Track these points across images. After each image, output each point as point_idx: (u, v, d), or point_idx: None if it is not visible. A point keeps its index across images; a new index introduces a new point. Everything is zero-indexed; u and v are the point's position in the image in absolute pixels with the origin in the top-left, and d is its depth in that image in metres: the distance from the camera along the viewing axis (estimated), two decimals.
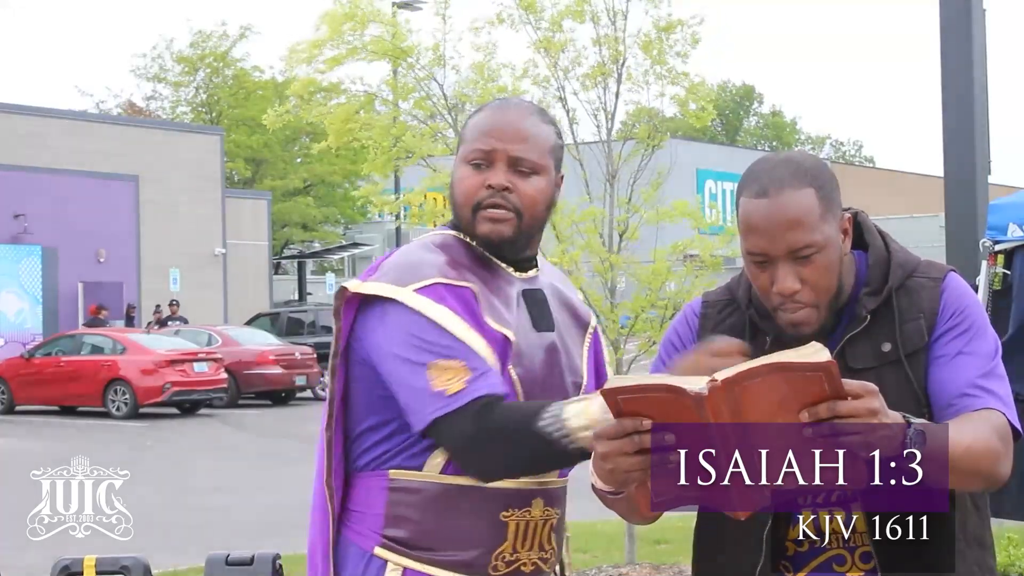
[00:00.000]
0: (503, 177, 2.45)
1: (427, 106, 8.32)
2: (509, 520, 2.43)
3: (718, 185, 45.49)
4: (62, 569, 3.43)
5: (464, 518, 2.41)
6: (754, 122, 79.83)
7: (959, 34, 7.83)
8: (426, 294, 2.39)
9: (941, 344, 2.30)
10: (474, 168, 2.47)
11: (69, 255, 31.42)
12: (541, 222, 2.53)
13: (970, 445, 2.16)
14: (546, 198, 2.51)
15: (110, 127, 34.86)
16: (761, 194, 2.25)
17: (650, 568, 8.06)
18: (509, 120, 2.49)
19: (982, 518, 2.38)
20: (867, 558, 2.29)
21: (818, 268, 2.25)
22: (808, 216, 2.23)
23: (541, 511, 2.47)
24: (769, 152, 2.39)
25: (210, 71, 50.69)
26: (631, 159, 8.31)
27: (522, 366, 2.44)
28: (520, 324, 2.47)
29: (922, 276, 2.36)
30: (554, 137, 2.54)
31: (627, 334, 8.18)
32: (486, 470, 2.38)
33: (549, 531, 2.49)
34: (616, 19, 8.06)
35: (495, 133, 2.46)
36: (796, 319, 2.28)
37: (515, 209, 2.45)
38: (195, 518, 10.96)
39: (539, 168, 2.48)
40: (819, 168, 2.30)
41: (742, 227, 2.28)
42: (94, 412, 22.07)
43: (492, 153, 2.45)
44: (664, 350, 2.51)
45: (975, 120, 7.79)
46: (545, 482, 2.47)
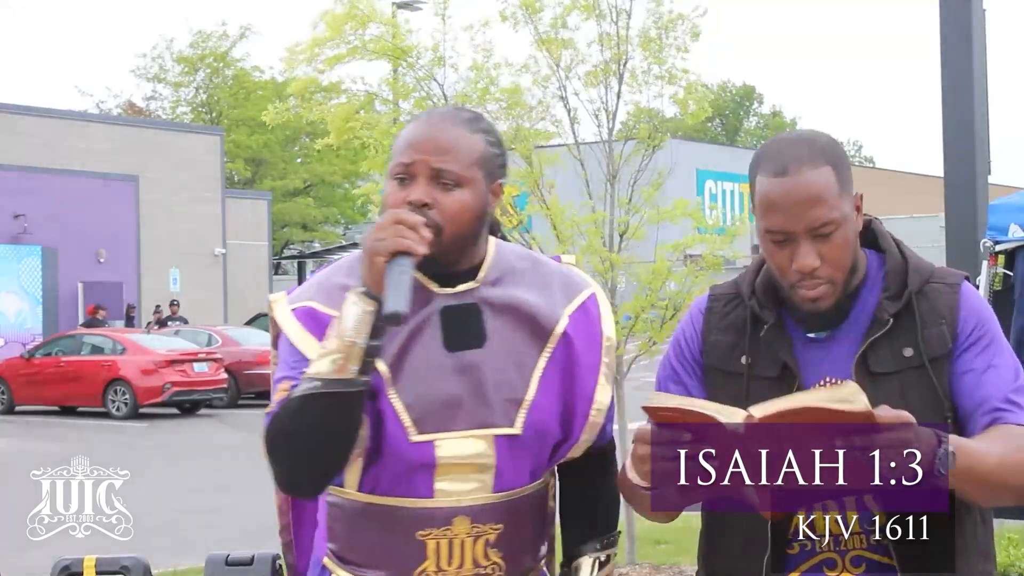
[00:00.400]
0: (422, 192, 2.35)
1: (427, 106, 8.32)
2: (427, 539, 2.38)
3: (718, 185, 45.48)
4: (62, 569, 3.42)
5: (380, 536, 2.40)
6: (754, 122, 79.84)
7: (959, 34, 7.82)
8: (299, 314, 2.43)
9: (969, 358, 2.33)
10: (399, 183, 2.39)
11: (69, 255, 31.44)
12: (469, 235, 2.41)
13: (1002, 460, 2.20)
14: (472, 211, 2.39)
15: (110, 127, 34.88)
16: (780, 172, 2.27)
17: (650, 568, 8.06)
18: (432, 131, 2.40)
19: (987, 532, 2.40)
20: (858, 562, 2.31)
21: (836, 245, 2.28)
22: (827, 193, 2.26)
23: (467, 528, 2.39)
24: (781, 132, 2.40)
25: (210, 71, 50.73)
26: (632, 159, 8.31)
27: (412, 391, 2.37)
28: (421, 346, 2.39)
29: (939, 282, 2.38)
30: (484, 146, 2.43)
31: (627, 334, 8.18)
32: (280, 476, 2.34)
33: (484, 546, 2.40)
34: (619, 18, 8.06)
35: (417, 146, 2.38)
36: (815, 295, 2.30)
37: (435, 225, 2.34)
38: (195, 518, 10.97)
39: (463, 180, 2.38)
40: (833, 145, 2.33)
41: (760, 206, 2.30)
42: (94, 412, 22.07)
43: (413, 166, 2.37)
44: (673, 350, 2.52)
45: (975, 120, 7.79)
46: (470, 499, 2.38)
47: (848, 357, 2.34)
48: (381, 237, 2.24)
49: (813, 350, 2.37)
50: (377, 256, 2.23)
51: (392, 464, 2.38)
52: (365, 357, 2.23)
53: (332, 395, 2.23)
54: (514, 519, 2.43)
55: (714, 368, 2.44)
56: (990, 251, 7.07)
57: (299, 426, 2.28)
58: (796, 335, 2.38)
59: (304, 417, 2.27)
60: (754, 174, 2.32)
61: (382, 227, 2.25)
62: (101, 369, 22.05)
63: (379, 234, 2.25)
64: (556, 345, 2.45)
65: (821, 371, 2.35)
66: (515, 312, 2.45)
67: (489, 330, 2.42)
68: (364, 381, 2.25)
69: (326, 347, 2.25)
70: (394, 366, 2.37)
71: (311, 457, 2.31)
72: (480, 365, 2.40)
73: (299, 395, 2.26)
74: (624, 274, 8.30)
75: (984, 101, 7.99)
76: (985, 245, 7.13)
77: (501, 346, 2.42)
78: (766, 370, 2.37)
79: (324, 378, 2.23)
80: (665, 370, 2.54)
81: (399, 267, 2.22)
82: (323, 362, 2.24)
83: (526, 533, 2.47)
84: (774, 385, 2.34)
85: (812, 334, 2.38)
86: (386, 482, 2.38)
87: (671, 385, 2.51)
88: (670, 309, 8.02)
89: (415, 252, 2.24)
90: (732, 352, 2.41)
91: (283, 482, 2.36)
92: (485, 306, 2.44)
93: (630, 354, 8.27)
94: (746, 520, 2.29)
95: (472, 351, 2.40)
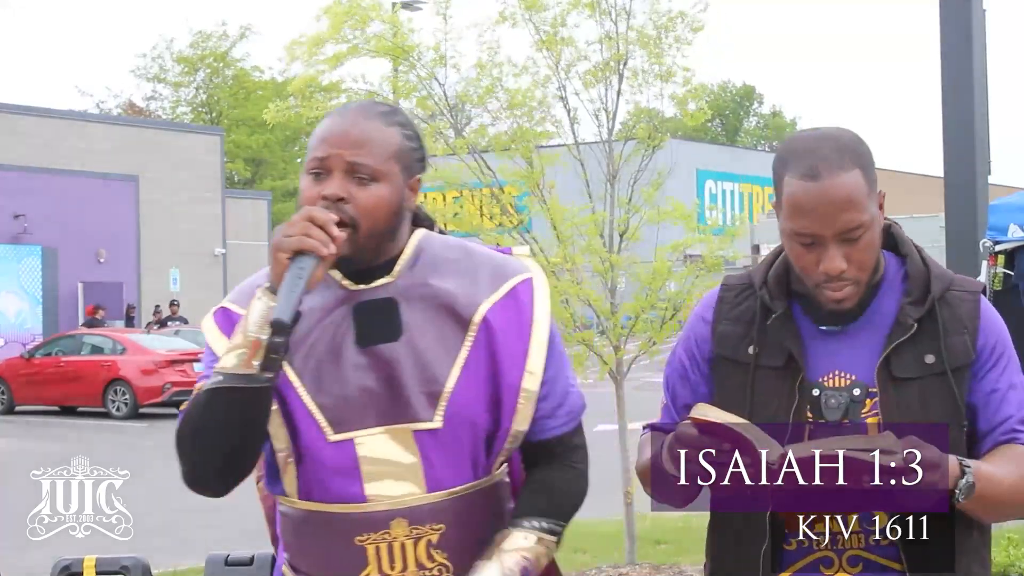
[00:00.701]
0: (337, 187, 2.31)
1: (429, 105, 8.31)
2: (366, 544, 2.33)
3: (718, 185, 45.50)
4: (62, 569, 3.42)
5: (322, 544, 2.38)
6: (754, 122, 79.83)
7: (959, 34, 7.83)
8: (215, 316, 2.44)
9: (993, 377, 2.35)
10: (314, 178, 2.34)
11: (69, 255, 31.44)
12: (386, 230, 2.36)
13: (1015, 484, 2.26)
14: (389, 205, 2.34)
15: (110, 127, 34.88)
16: (811, 176, 2.26)
17: (650, 568, 8.06)
18: (347, 125, 2.35)
19: (985, 542, 2.42)
20: (855, 561, 2.32)
21: (863, 247, 2.29)
22: (857, 197, 2.26)
23: (405, 530, 2.33)
24: (806, 130, 2.41)
25: (210, 71, 50.75)
26: (631, 159, 8.31)
27: (326, 391, 2.33)
28: (335, 344, 2.35)
29: (960, 290, 2.39)
30: (400, 139, 2.39)
31: (627, 334, 8.18)
32: (185, 472, 2.34)
33: (427, 548, 2.35)
34: (619, 18, 8.05)
35: (331, 140, 2.34)
36: (840, 296, 2.31)
37: (351, 220, 2.30)
38: (195, 518, 10.95)
39: (379, 174, 2.33)
40: (860, 145, 2.33)
41: (788, 207, 2.30)
42: (94, 412, 22.06)
43: (327, 161, 2.33)
44: (683, 345, 2.53)
45: (975, 120, 7.80)
46: (405, 501, 2.32)
47: (862, 354, 2.34)
48: (289, 234, 2.22)
49: (823, 342, 2.38)
50: (280, 253, 2.22)
51: (317, 468, 2.34)
52: (269, 353, 2.20)
53: (234, 390, 2.22)
54: (458, 519, 2.36)
55: (722, 357, 2.44)
56: (990, 251, 7.08)
57: (204, 421, 2.27)
58: (805, 326, 2.39)
59: (209, 412, 2.26)
60: (781, 173, 2.32)
61: (292, 224, 2.23)
62: (101, 369, 22.05)
63: (287, 230, 2.23)
64: (477, 334, 2.37)
65: (831, 364, 2.36)
66: (434, 303, 2.38)
67: (406, 323, 2.36)
68: (268, 378, 2.22)
69: (232, 343, 2.24)
70: (307, 367, 2.34)
71: (214, 453, 2.29)
72: (397, 360, 2.34)
73: (204, 390, 2.26)
74: (624, 274, 8.30)
75: (984, 101, 8.00)
76: (985, 245, 7.13)
77: (419, 339, 2.35)
78: (772, 360, 2.37)
79: (227, 372, 2.22)
80: (673, 365, 2.54)
81: (299, 267, 2.20)
82: (228, 357, 2.23)
83: (475, 532, 2.38)
84: (779, 375, 2.35)
85: (824, 327, 2.38)
86: (318, 488, 2.35)
87: (678, 380, 2.51)
88: (670, 309, 8.02)
89: (318, 252, 2.21)
90: (741, 342, 2.42)
91: (189, 478, 2.35)
92: (402, 299, 2.38)
93: (630, 354, 8.27)
94: (747, 513, 2.32)
95: (388, 345, 2.35)
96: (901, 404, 2.29)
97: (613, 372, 8.01)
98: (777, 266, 2.44)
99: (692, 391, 2.47)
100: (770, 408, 2.33)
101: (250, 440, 2.30)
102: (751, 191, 47.03)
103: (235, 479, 2.35)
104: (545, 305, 2.43)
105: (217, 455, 2.30)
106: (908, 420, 2.26)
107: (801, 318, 2.40)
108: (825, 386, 2.34)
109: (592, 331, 8.26)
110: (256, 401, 2.24)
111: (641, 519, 8.49)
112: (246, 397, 2.23)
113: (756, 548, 2.34)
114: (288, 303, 2.17)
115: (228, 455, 2.30)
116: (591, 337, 8.06)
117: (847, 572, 2.32)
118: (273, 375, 2.23)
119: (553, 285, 7.86)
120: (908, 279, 2.39)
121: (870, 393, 2.32)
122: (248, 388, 2.22)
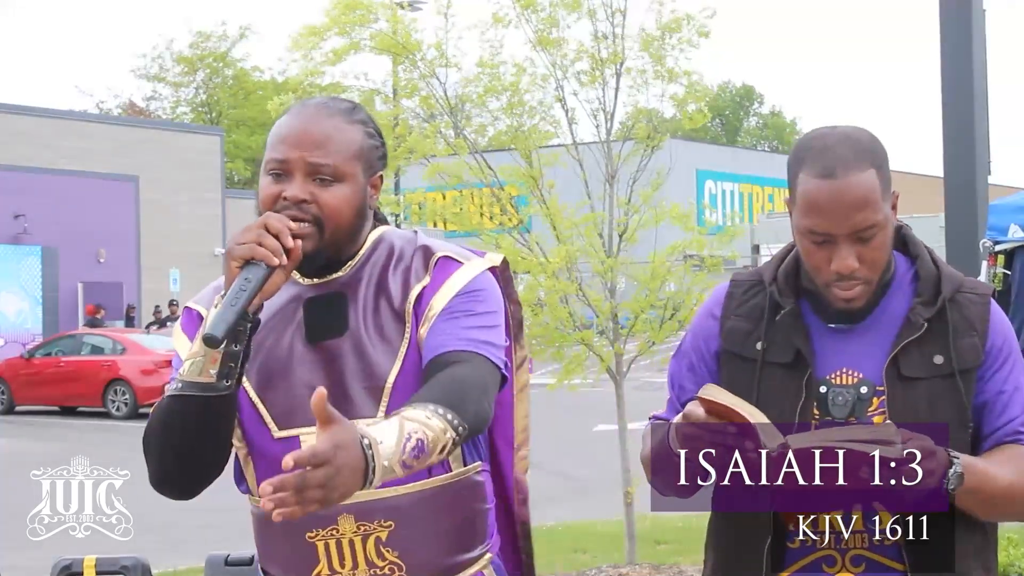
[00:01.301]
0: (299, 188, 2.26)
1: (431, 103, 8.31)
2: (316, 540, 2.32)
3: (718, 185, 45.48)
4: (62, 569, 3.43)
5: (278, 541, 2.37)
6: (754, 122, 79.82)
7: (959, 34, 7.83)
8: (181, 317, 2.43)
9: (1001, 378, 2.36)
10: (273, 178, 2.29)
11: (69, 255, 31.44)
12: (349, 230, 2.33)
13: (1012, 483, 2.27)
14: (352, 205, 2.30)
15: (110, 127, 34.89)
16: (827, 175, 2.27)
17: (650, 568, 8.06)
18: (306, 124, 2.30)
19: (989, 544, 2.43)
20: (857, 561, 2.32)
21: (876, 247, 2.30)
22: (872, 197, 2.27)
23: (353, 527, 2.31)
24: (823, 127, 2.41)
25: (210, 71, 50.75)
26: (630, 159, 8.30)
27: (273, 387, 2.32)
28: (284, 340, 2.33)
29: (970, 292, 2.40)
30: (362, 138, 2.34)
31: (627, 334, 8.18)
32: (151, 475, 2.31)
33: (376, 545, 2.32)
34: (614, 17, 8.05)
35: (290, 140, 2.29)
36: (850, 295, 2.32)
37: (315, 220, 2.26)
38: (195, 518, 10.95)
39: (342, 175, 2.29)
40: (876, 144, 2.33)
41: (803, 205, 2.30)
42: (94, 412, 22.06)
43: (287, 162, 2.28)
44: (690, 340, 2.52)
45: (975, 120, 7.80)
46: (355, 498, 2.18)
47: (870, 353, 2.35)
48: (241, 241, 2.17)
49: (831, 339, 2.38)
50: (230, 260, 2.18)
51: (266, 464, 2.33)
52: (227, 362, 2.17)
53: (191, 398, 2.19)
54: (410, 516, 2.32)
55: (730, 353, 2.44)
56: (989, 251, 7.08)
57: (164, 426, 2.25)
58: (814, 323, 2.39)
59: (169, 418, 2.24)
60: (796, 170, 2.32)
61: (247, 230, 2.19)
62: (101, 369, 22.05)
63: (241, 237, 2.18)
64: (411, 323, 2.33)
65: (838, 362, 2.36)
66: (378, 297, 2.35)
67: (352, 318, 2.33)
68: (226, 386, 2.18)
69: (191, 350, 2.21)
70: (254, 363, 2.32)
71: (176, 457, 2.26)
72: (341, 354, 2.31)
73: (166, 395, 2.25)
74: (623, 274, 8.30)
75: (984, 101, 8.01)
76: (985, 245, 7.13)
77: (363, 334, 2.32)
78: (779, 356, 2.38)
79: (184, 380, 2.19)
80: (679, 360, 2.53)
81: (245, 278, 2.15)
82: (186, 364, 2.21)
83: (431, 531, 2.34)
84: (786, 372, 2.35)
85: (833, 324, 2.39)
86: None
87: (685, 375, 2.51)
88: (669, 309, 8.02)
89: (269, 262, 2.16)
90: (748, 337, 2.42)
91: (154, 479, 2.32)
92: (350, 294, 2.35)
93: (630, 354, 8.27)
94: (750, 512, 2.32)
95: (335, 341, 2.32)
96: (908, 403, 2.30)
97: (612, 372, 8.01)
98: (788, 263, 2.45)
99: (698, 386, 2.47)
100: (777, 404, 2.32)
101: (211, 446, 2.27)
102: (751, 191, 47.03)
103: (200, 482, 2.34)
104: (459, 279, 2.36)
105: (179, 460, 2.27)
106: (914, 419, 2.26)
107: (810, 315, 2.40)
108: (832, 383, 2.34)
109: (591, 331, 8.27)
110: (216, 409, 2.21)
111: (641, 519, 8.49)
112: (205, 405, 2.20)
113: (759, 545, 2.33)
114: (225, 316, 2.12)
115: (190, 460, 2.28)
116: (590, 337, 8.06)
117: (850, 571, 2.32)
118: (232, 383, 2.20)
119: (553, 285, 7.87)
120: (919, 280, 2.40)
121: (877, 392, 2.32)
122: (204, 396, 2.19)
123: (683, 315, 7.84)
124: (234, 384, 2.20)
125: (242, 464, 2.41)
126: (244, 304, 2.13)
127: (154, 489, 2.37)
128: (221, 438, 2.28)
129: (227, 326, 2.11)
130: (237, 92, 49.60)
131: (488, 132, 9.23)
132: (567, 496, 11.79)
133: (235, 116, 48.44)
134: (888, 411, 2.30)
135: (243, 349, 2.19)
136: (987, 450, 2.34)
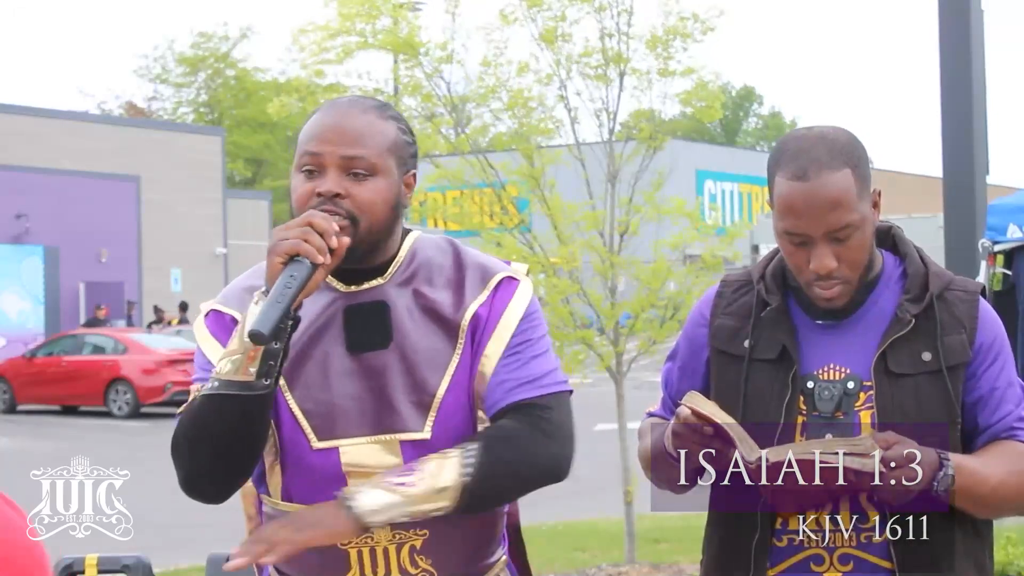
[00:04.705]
0: (333, 183, 2.23)
1: (434, 101, 8.32)
2: (349, 548, 2.28)
3: (718, 185, 45.49)
4: (64, 568, 3.43)
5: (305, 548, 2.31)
6: (753, 123, 79.81)
7: (958, 34, 7.83)
8: (206, 319, 2.37)
9: (992, 376, 2.37)
10: (306, 176, 2.27)
11: (70, 255, 31.44)
12: (385, 227, 2.29)
13: (1002, 481, 2.28)
14: (387, 200, 2.27)
15: (112, 127, 34.90)
16: (800, 176, 2.28)
17: (649, 567, 8.07)
18: (339, 120, 2.28)
19: (984, 544, 2.43)
20: (845, 560, 2.33)
21: (854, 246, 2.31)
22: (846, 197, 2.28)
23: (388, 535, 2.27)
24: (800, 129, 2.42)
25: (211, 72, 50.77)
26: (632, 159, 8.32)
27: (312, 397, 2.28)
28: (323, 348, 2.29)
29: (958, 289, 2.41)
30: (395, 133, 2.31)
31: (627, 334, 8.19)
32: (182, 478, 2.27)
33: (410, 553, 2.30)
34: (620, 17, 8.05)
35: (324, 136, 2.26)
36: (830, 295, 2.34)
37: (349, 215, 2.23)
38: (195, 518, 10.96)
39: (376, 169, 2.26)
40: (853, 144, 2.34)
41: (779, 207, 2.32)
42: (95, 412, 22.07)
43: (321, 157, 2.25)
44: (682, 343, 2.54)
45: (974, 120, 7.79)
46: None
47: (857, 349, 2.36)
48: (284, 237, 2.14)
49: (818, 336, 2.39)
50: (274, 256, 2.14)
51: (301, 473, 2.30)
52: (267, 360, 2.13)
53: (229, 397, 2.15)
54: (443, 525, 2.28)
55: (718, 351, 2.46)
56: (989, 251, 7.07)
57: (199, 427, 2.21)
58: (801, 320, 2.41)
59: (204, 418, 2.20)
60: (773, 172, 2.34)
61: (289, 227, 2.16)
62: (103, 369, 22.06)
63: (284, 233, 2.15)
64: (465, 339, 2.31)
65: (825, 357, 2.37)
66: (425, 309, 2.32)
67: (397, 329, 2.30)
68: (265, 385, 2.15)
69: (228, 348, 2.18)
70: (294, 371, 2.28)
71: (211, 459, 2.22)
72: (386, 367, 2.28)
73: (201, 395, 2.21)
74: (624, 274, 8.32)
75: (983, 101, 8.00)
76: (984, 245, 7.12)
77: (409, 346, 2.29)
78: (766, 353, 2.39)
79: (222, 379, 2.16)
80: (672, 360, 2.56)
81: (291, 273, 2.12)
82: (224, 362, 2.17)
83: (460, 538, 2.34)
84: (773, 368, 2.37)
85: (820, 320, 2.40)
86: (302, 491, 2.30)
87: (677, 375, 2.54)
88: (670, 309, 8.04)
89: (314, 259, 2.13)
90: (736, 335, 2.44)
91: (185, 484, 2.28)
92: (393, 304, 2.31)
93: (630, 354, 8.28)
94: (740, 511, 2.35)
95: (377, 352, 2.29)
96: (896, 399, 2.31)
97: (613, 371, 8.01)
98: (775, 262, 2.47)
99: (690, 386, 2.49)
100: (764, 400, 2.35)
101: (248, 447, 2.24)
102: (751, 191, 47.03)
103: (232, 486, 2.30)
104: (521, 302, 2.35)
105: (213, 462, 2.23)
106: (902, 415, 2.28)
107: (797, 312, 2.42)
108: (819, 378, 2.35)
109: (592, 330, 8.28)
110: (253, 409, 2.18)
111: (641, 518, 8.49)
112: (243, 405, 2.16)
113: (747, 542, 2.35)
114: (270, 314, 2.08)
115: (225, 462, 2.24)
116: (591, 336, 8.07)
117: (838, 570, 2.33)
118: (271, 382, 2.16)
119: (553, 284, 7.88)
120: (907, 277, 2.41)
121: (864, 387, 2.33)
122: (244, 395, 2.15)
123: (683, 315, 7.85)
124: (272, 383, 2.17)
125: (267, 469, 2.36)
126: (289, 301, 2.10)
127: (184, 493, 2.32)
128: (257, 439, 2.24)
129: (273, 323, 2.07)
130: (238, 93, 49.61)
131: (490, 132, 9.24)
132: (567, 495, 11.76)
133: (236, 116, 48.45)
134: (876, 407, 2.31)
135: (282, 347, 2.16)
136: (982, 445, 2.35)
